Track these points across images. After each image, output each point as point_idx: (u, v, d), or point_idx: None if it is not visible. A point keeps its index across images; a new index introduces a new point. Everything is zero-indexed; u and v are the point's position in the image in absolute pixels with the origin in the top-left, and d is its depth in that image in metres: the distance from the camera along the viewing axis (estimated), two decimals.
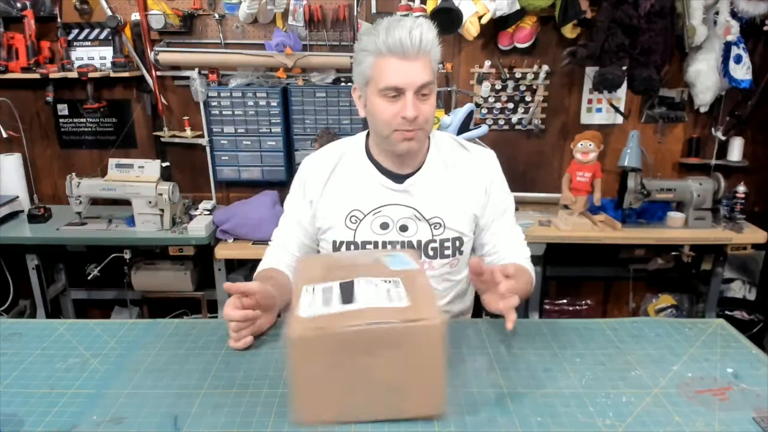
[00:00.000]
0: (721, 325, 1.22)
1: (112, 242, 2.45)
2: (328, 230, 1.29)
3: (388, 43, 1.11)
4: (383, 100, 1.16)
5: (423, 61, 1.13)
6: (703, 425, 0.89)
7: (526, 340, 1.16)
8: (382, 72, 1.14)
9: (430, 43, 1.13)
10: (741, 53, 2.55)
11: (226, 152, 2.71)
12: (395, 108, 1.15)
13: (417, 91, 1.14)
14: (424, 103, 1.16)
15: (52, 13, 2.61)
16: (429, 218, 1.27)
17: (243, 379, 1.02)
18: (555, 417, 0.91)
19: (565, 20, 2.47)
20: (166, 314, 2.93)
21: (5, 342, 1.15)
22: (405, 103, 1.14)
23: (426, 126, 1.19)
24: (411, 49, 1.11)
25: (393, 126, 1.17)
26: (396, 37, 1.10)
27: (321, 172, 1.30)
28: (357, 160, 1.30)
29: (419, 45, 1.11)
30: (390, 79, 1.13)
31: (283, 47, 2.51)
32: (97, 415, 0.92)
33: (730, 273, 2.90)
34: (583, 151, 2.52)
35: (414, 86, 1.13)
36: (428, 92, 1.16)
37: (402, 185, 1.26)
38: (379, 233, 1.26)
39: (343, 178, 1.29)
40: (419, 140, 1.20)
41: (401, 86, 1.13)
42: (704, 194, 2.49)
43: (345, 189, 1.28)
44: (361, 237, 1.26)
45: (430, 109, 1.17)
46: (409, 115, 1.13)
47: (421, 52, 1.12)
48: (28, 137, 2.75)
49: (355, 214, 1.26)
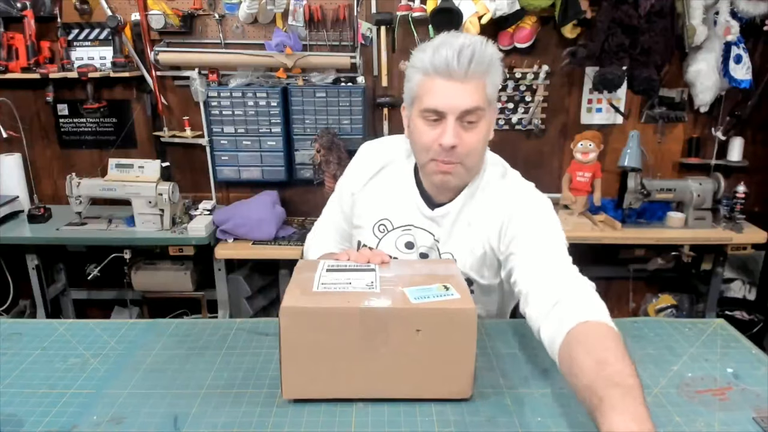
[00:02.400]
0: (721, 325, 1.22)
1: (112, 242, 2.45)
2: (358, 229, 1.28)
3: (434, 61, 1.03)
4: (424, 122, 1.08)
5: (473, 84, 1.03)
6: (703, 425, 0.89)
7: (526, 340, 1.16)
8: (426, 92, 1.06)
9: (484, 65, 1.03)
10: (741, 53, 2.55)
11: (226, 152, 2.71)
12: (434, 133, 1.06)
13: (461, 117, 1.04)
14: (468, 131, 1.06)
15: (52, 13, 2.61)
16: (442, 252, 1.21)
17: (243, 379, 1.02)
18: (555, 417, 0.91)
19: (565, 20, 2.47)
20: (166, 314, 2.93)
21: (5, 342, 1.15)
22: (445, 128, 1.05)
23: (467, 160, 1.08)
24: (458, 69, 1.01)
25: (430, 154, 1.09)
26: (443, 56, 1.01)
27: (370, 166, 1.26)
28: (404, 170, 1.23)
29: (467, 66, 1.01)
30: (432, 101, 1.05)
31: (283, 47, 2.51)
32: (97, 415, 0.92)
33: (730, 273, 2.90)
34: (583, 151, 2.52)
35: (457, 111, 1.04)
36: (475, 120, 1.05)
37: (432, 212, 1.19)
38: (402, 251, 1.22)
39: (386, 181, 1.24)
40: (458, 176, 1.10)
41: (442, 109, 1.04)
42: (704, 194, 2.49)
43: (384, 193, 1.24)
44: (383, 249, 1.22)
45: (474, 141, 1.06)
46: (446, 142, 1.04)
47: (470, 74, 1.02)
48: (28, 137, 2.75)
49: (384, 224, 1.23)
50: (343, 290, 0.94)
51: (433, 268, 1.06)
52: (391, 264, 1.08)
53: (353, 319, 0.89)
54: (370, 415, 0.91)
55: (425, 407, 0.93)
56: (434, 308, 0.90)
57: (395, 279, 0.98)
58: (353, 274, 1.00)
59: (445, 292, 0.93)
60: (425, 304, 0.90)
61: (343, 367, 0.91)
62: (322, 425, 0.89)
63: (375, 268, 1.04)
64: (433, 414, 0.91)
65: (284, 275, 2.61)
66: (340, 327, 0.89)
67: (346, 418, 0.90)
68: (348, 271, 1.01)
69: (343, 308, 0.89)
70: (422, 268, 1.07)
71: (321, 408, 0.93)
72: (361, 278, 0.98)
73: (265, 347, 1.13)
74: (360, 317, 0.89)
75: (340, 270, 1.02)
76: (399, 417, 0.91)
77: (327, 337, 0.89)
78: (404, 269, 1.05)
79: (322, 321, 0.89)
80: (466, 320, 0.89)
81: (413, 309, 0.89)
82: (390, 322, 0.89)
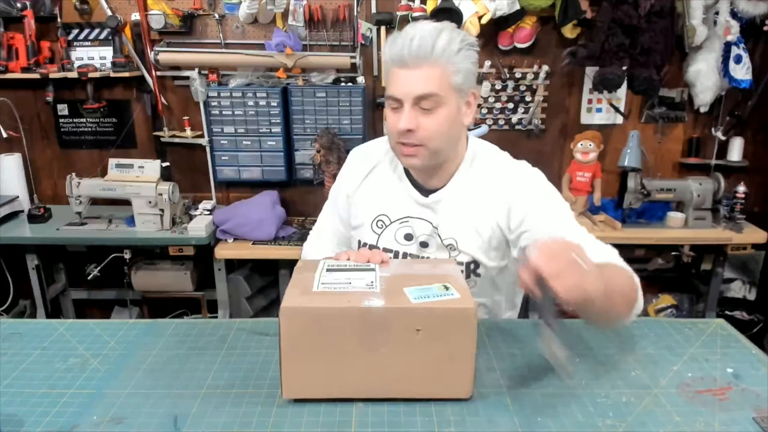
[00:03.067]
0: (721, 325, 1.22)
1: (112, 242, 2.45)
2: (358, 228, 1.29)
3: (392, 52, 1.08)
4: (390, 110, 1.13)
5: (427, 71, 1.06)
6: (703, 425, 0.89)
7: (526, 340, 1.16)
8: (389, 82, 1.11)
9: (437, 50, 1.05)
10: (741, 53, 2.55)
11: (226, 152, 2.71)
12: (396, 119, 1.11)
13: (416, 103, 1.08)
14: (427, 116, 1.09)
15: (52, 13, 2.61)
16: (444, 238, 1.22)
17: (243, 379, 1.02)
18: (555, 417, 0.91)
19: (565, 20, 2.47)
20: (166, 314, 2.94)
21: (5, 342, 1.15)
22: (402, 113, 1.10)
23: (430, 143, 1.11)
24: (408, 57, 1.05)
25: (394, 138, 1.14)
26: (398, 46, 1.06)
27: (362, 167, 1.30)
28: (392, 168, 1.27)
29: (417, 54, 1.05)
30: (390, 89, 1.10)
31: (283, 47, 2.51)
32: (97, 415, 0.92)
33: (730, 273, 2.90)
34: (583, 151, 2.52)
35: (410, 97, 1.07)
36: (431, 106, 1.08)
37: (427, 199, 1.22)
38: (402, 243, 1.23)
39: (379, 179, 1.27)
40: (422, 158, 1.13)
41: (398, 96, 1.09)
42: (704, 194, 2.49)
43: (377, 192, 1.26)
44: (383, 243, 1.24)
45: (432, 125, 1.09)
46: (401, 126, 1.08)
47: (421, 60, 1.05)
48: (28, 137, 2.75)
49: (382, 219, 1.25)
50: (343, 290, 0.94)
51: (433, 268, 1.06)
52: (391, 264, 1.08)
53: (353, 319, 0.89)
54: (370, 415, 0.91)
55: (425, 407, 0.93)
56: (434, 308, 0.90)
57: (395, 279, 0.98)
58: (353, 274, 1.00)
59: (445, 292, 0.93)
60: (425, 304, 0.90)
61: (343, 367, 0.91)
62: (322, 425, 0.89)
63: (375, 267, 1.04)
64: (433, 414, 0.91)
65: (284, 275, 2.61)
66: (340, 327, 0.89)
67: (346, 418, 0.90)
68: (348, 271, 1.01)
69: (343, 308, 0.89)
70: (422, 268, 1.07)
71: (321, 408, 0.93)
72: (361, 278, 0.98)
73: (265, 347, 1.13)
74: (360, 317, 0.89)
75: (340, 270, 1.02)
76: (399, 417, 0.91)
77: (327, 337, 0.89)
78: (404, 269, 1.05)
79: (322, 321, 0.89)
80: (466, 320, 0.89)
81: (413, 309, 0.89)
82: (390, 322, 0.89)
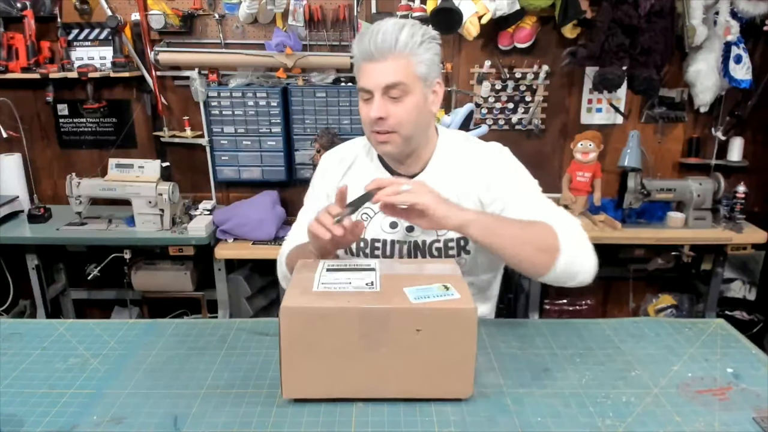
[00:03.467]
0: (721, 325, 1.22)
1: (112, 242, 2.45)
2: None
3: (360, 48, 1.16)
4: (362, 102, 1.21)
5: (393, 62, 1.14)
6: (703, 425, 0.89)
7: (526, 340, 1.16)
8: (359, 76, 1.19)
9: (400, 43, 1.14)
10: (741, 53, 2.55)
11: (226, 152, 2.71)
12: (368, 109, 1.18)
13: (385, 93, 1.16)
14: (396, 105, 1.17)
15: (52, 13, 2.61)
16: None
17: (243, 379, 1.02)
18: (555, 417, 0.91)
19: (565, 20, 2.47)
20: (166, 314, 2.93)
21: (5, 342, 1.15)
22: (372, 104, 1.17)
23: (401, 129, 1.18)
24: (375, 51, 1.14)
25: (367, 127, 1.21)
26: (365, 43, 1.15)
27: (338, 168, 1.34)
28: (369, 159, 1.34)
29: (381, 46, 1.13)
30: (361, 82, 1.18)
31: (283, 47, 2.51)
32: (97, 415, 0.92)
33: (730, 273, 2.90)
34: (583, 151, 2.52)
35: (379, 87, 1.15)
36: (399, 94, 1.16)
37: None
38: (388, 232, 1.27)
39: (355, 178, 1.31)
40: (396, 144, 1.20)
41: (368, 87, 1.17)
42: (704, 194, 2.49)
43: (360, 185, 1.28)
44: (371, 234, 1.28)
45: (402, 112, 1.17)
46: (372, 115, 1.16)
47: (386, 53, 1.14)
48: (28, 137, 2.75)
49: (367, 212, 1.29)
50: (343, 290, 0.94)
51: (433, 267, 1.06)
52: (392, 263, 1.09)
53: (353, 319, 0.89)
54: (370, 415, 0.91)
55: (425, 407, 0.93)
56: (434, 308, 0.90)
57: (395, 279, 0.98)
58: (353, 273, 1.00)
59: (445, 292, 0.93)
60: (425, 304, 0.90)
61: (343, 367, 0.91)
62: (322, 425, 0.89)
63: (375, 267, 1.04)
64: (433, 414, 0.91)
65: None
66: (340, 327, 0.89)
67: (346, 418, 0.90)
68: (348, 271, 1.01)
69: (343, 308, 0.89)
70: (422, 268, 1.07)
71: (321, 408, 0.93)
72: (361, 278, 0.98)
73: (265, 347, 1.13)
74: (360, 317, 0.89)
75: (340, 270, 1.02)
76: (399, 417, 0.91)
77: (327, 337, 0.89)
78: (404, 269, 1.05)
79: (322, 321, 0.89)
80: (466, 320, 0.89)
81: (413, 309, 0.89)
82: (390, 322, 0.89)
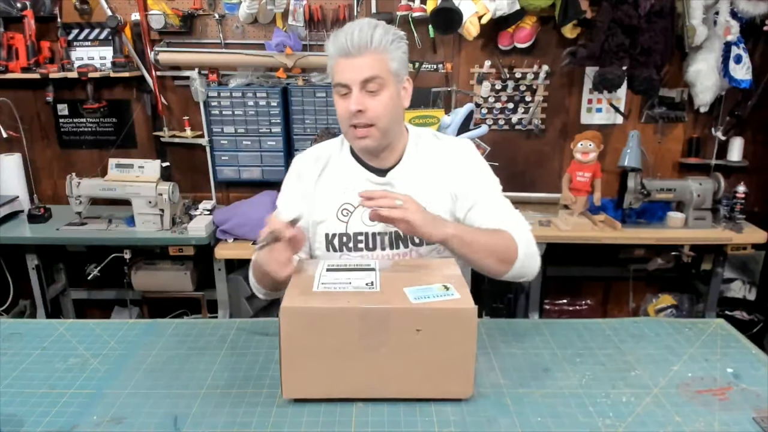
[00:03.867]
0: (721, 325, 1.22)
1: (112, 242, 2.45)
2: (321, 223, 1.33)
3: (336, 46, 1.21)
4: (338, 97, 1.24)
5: (369, 58, 1.19)
6: (703, 425, 0.89)
7: (526, 340, 1.16)
8: (335, 72, 1.23)
9: (375, 41, 1.19)
10: (741, 53, 2.55)
11: (226, 152, 2.71)
12: (346, 104, 1.21)
13: (363, 87, 1.19)
14: (373, 98, 1.20)
15: (52, 13, 2.61)
16: None
17: (243, 379, 1.02)
18: (555, 417, 0.91)
19: (565, 20, 2.47)
20: (166, 314, 2.93)
21: (5, 342, 1.15)
22: (350, 98, 1.20)
23: (379, 122, 1.22)
24: (352, 47, 1.18)
25: (347, 122, 1.23)
26: (341, 40, 1.19)
27: (313, 168, 1.36)
28: (343, 158, 1.36)
29: (359, 43, 1.18)
30: (338, 77, 1.22)
31: (283, 47, 2.51)
32: (97, 415, 0.92)
33: (730, 273, 2.90)
34: (583, 151, 2.52)
35: (357, 81, 1.19)
36: (376, 88, 1.20)
37: (385, 178, 1.31)
38: (369, 225, 1.29)
39: (332, 175, 1.35)
40: (374, 138, 1.24)
41: (345, 82, 1.20)
42: (704, 194, 2.49)
43: (335, 185, 1.34)
44: (352, 229, 1.31)
45: (379, 105, 1.21)
46: (352, 108, 1.19)
47: (363, 49, 1.18)
48: (28, 137, 2.75)
49: (347, 207, 1.31)
50: (343, 290, 0.94)
51: (433, 267, 1.06)
52: (392, 263, 1.09)
53: (353, 319, 0.89)
54: (370, 415, 0.91)
55: (425, 407, 0.93)
56: (434, 308, 0.90)
57: (395, 279, 0.98)
58: (353, 273, 1.00)
59: (445, 292, 0.93)
60: (425, 304, 0.90)
61: (343, 367, 0.91)
62: (322, 425, 0.89)
63: (375, 267, 1.04)
64: (433, 414, 0.91)
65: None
66: (340, 327, 0.89)
67: (346, 418, 0.90)
68: (348, 271, 1.01)
69: (343, 308, 0.89)
70: (422, 268, 1.07)
71: (321, 408, 0.93)
72: (361, 278, 0.98)
73: (265, 347, 1.13)
74: (360, 317, 0.89)
75: (340, 270, 1.02)
76: (399, 417, 0.91)
77: (327, 337, 0.89)
78: (404, 269, 1.05)
79: (322, 321, 0.89)
80: (466, 320, 0.89)
81: (413, 309, 0.89)
82: (390, 322, 0.89)
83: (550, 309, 3.03)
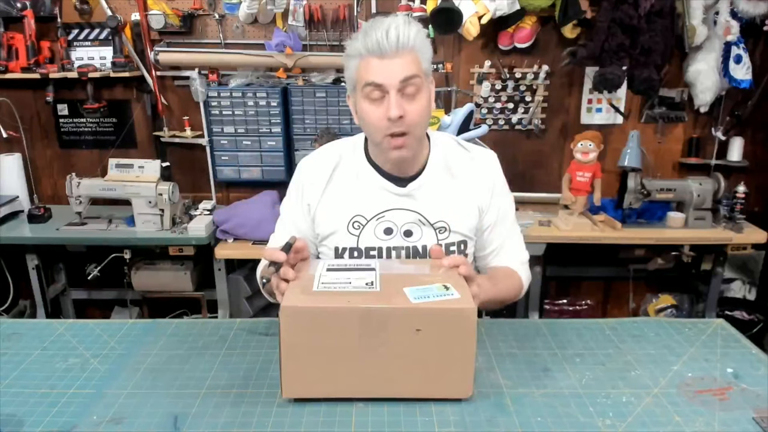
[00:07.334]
0: (721, 325, 1.22)
1: (112, 242, 2.45)
2: (330, 236, 1.25)
3: (367, 44, 1.10)
4: (368, 102, 1.13)
5: (405, 57, 1.10)
6: (703, 425, 0.89)
7: (526, 340, 1.16)
8: (364, 72, 1.12)
9: (411, 39, 1.10)
10: (741, 53, 2.55)
11: (226, 152, 2.71)
12: (381, 110, 1.11)
13: (401, 89, 1.10)
14: (410, 103, 1.11)
15: (52, 13, 2.60)
16: (434, 223, 1.22)
17: (243, 379, 1.02)
18: (555, 417, 0.91)
19: (565, 20, 2.47)
20: (166, 314, 2.93)
21: (5, 342, 1.15)
22: (389, 102, 1.10)
23: (415, 130, 1.13)
24: (388, 47, 1.08)
25: (382, 131, 1.13)
26: (373, 38, 1.09)
27: (320, 175, 1.25)
28: (356, 162, 1.25)
29: (396, 42, 1.09)
30: (370, 76, 1.11)
31: (283, 47, 2.51)
32: (97, 415, 0.92)
33: (730, 273, 2.90)
34: (583, 151, 2.52)
35: (395, 81, 1.09)
36: (414, 90, 1.11)
37: (405, 189, 1.22)
38: (383, 239, 1.22)
39: (343, 181, 1.25)
40: (410, 147, 1.15)
41: (381, 82, 1.10)
42: (704, 194, 2.49)
43: (346, 193, 1.24)
44: (364, 243, 1.23)
45: (418, 110, 1.12)
46: (393, 114, 1.09)
47: (400, 49, 1.09)
48: (28, 137, 2.75)
49: (358, 220, 1.23)
50: (343, 290, 0.94)
51: (433, 268, 1.06)
52: (392, 263, 1.09)
53: (353, 319, 0.89)
54: (370, 415, 0.91)
55: (425, 407, 0.93)
56: (434, 308, 0.90)
57: (395, 279, 0.98)
58: (353, 273, 1.00)
59: (445, 292, 0.93)
60: (425, 304, 0.90)
61: (343, 367, 0.91)
62: (322, 425, 0.89)
63: (375, 267, 1.04)
64: (433, 414, 0.91)
65: None
66: (340, 327, 0.89)
67: (346, 418, 0.90)
68: (348, 271, 1.01)
69: (343, 308, 0.89)
70: (422, 268, 1.07)
71: (321, 408, 0.93)
72: (361, 278, 0.98)
73: (265, 347, 1.13)
74: (360, 317, 0.89)
75: (340, 269, 1.02)
76: (399, 417, 0.91)
77: (327, 337, 0.89)
78: (404, 269, 1.05)
79: (322, 321, 0.89)
80: (466, 320, 0.89)
81: (413, 309, 0.89)
82: (390, 322, 0.89)
83: (550, 309, 3.03)
